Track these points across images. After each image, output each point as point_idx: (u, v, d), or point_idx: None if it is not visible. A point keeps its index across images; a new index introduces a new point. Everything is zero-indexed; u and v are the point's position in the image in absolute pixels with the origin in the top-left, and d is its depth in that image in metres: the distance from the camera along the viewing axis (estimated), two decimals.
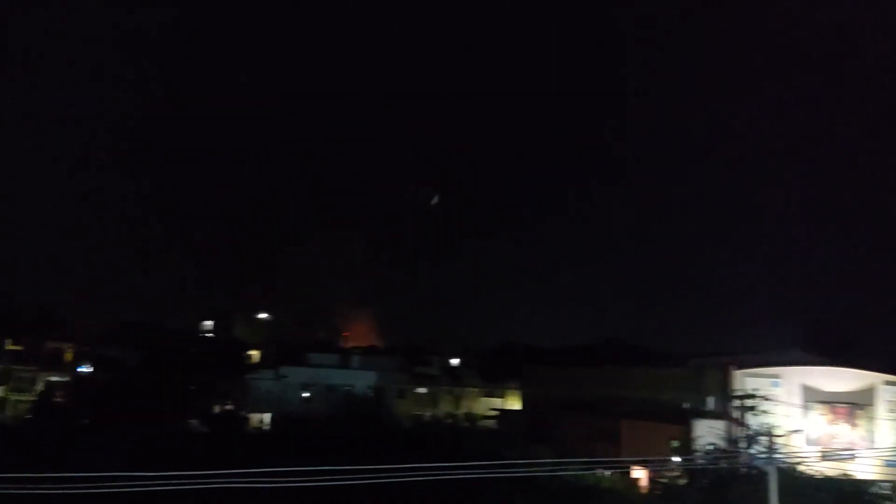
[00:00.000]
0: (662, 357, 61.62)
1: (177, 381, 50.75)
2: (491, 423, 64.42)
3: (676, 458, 35.86)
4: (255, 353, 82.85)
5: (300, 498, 26.06)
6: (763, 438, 30.87)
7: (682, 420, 41.43)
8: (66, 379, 63.83)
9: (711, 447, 35.22)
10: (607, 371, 55.47)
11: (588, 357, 71.98)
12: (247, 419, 58.29)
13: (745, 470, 30.08)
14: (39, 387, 63.00)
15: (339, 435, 42.37)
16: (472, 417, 67.75)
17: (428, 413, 68.21)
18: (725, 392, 43.20)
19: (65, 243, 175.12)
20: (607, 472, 39.44)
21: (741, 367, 44.31)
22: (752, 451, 31.34)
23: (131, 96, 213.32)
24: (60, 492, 17.81)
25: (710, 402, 44.79)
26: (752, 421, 36.61)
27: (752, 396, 39.64)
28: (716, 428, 38.00)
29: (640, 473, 39.63)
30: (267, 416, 62.05)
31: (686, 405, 45.22)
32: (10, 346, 69.96)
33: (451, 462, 24.31)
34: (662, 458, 35.52)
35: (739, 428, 37.48)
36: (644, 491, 36.58)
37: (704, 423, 40.00)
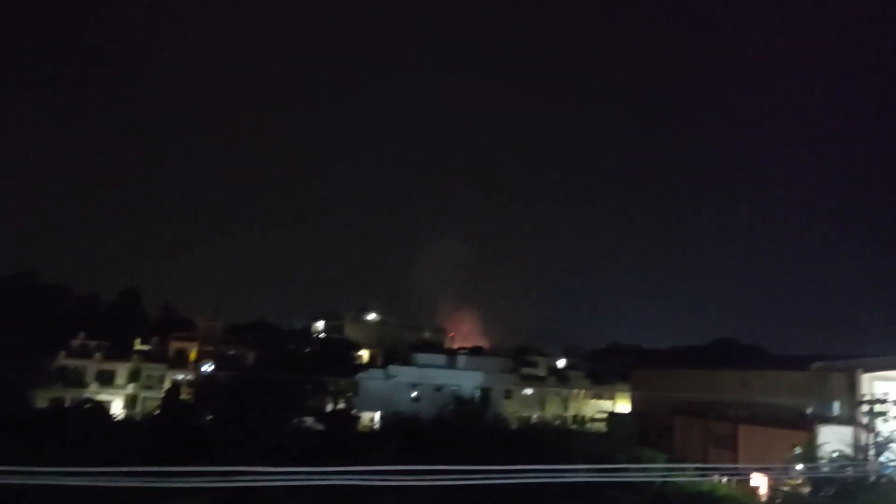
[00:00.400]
0: (781, 359, 58.82)
1: (292, 379, 52.53)
2: (600, 425, 63.38)
3: (799, 466, 34.15)
4: (364, 353, 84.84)
5: (411, 496, 26.60)
6: (894, 445, 29.05)
7: (806, 426, 39.43)
8: (190, 377, 67.27)
9: (837, 454, 33.35)
10: (722, 374, 53.39)
11: (700, 359, 69.67)
12: (358, 418, 59.73)
13: (873, 478, 28.39)
14: (167, 384, 66.53)
15: (446, 435, 42.85)
16: (580, 420, 66.86)
17: (535, 414, 67.83)
18: (852, 396, 40.72)
19: (186, 246, 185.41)
20: (724, 479, 38.11)
21: (869, 369, 41.66)
22: (881, 458, 29.53)
23: None
24: (184, 486, 18.87)
25: (836, 407, 42.37)
26: (882, 427, 34.40)
27: (881, 401, 37.17)
28: (842, 434, 35.95)
29: (759, 481, 38.05)
30: (377, 415, 63.46)
31: (809, 410, 42.97)
32: (138, 346, 74.77)
33: (559, 465, 24.12)
34: (784, 466, 33.92)
35: (868, 434, 35.33)
36: (763, 499, 35.04)
37: (829, 429, 37.92)
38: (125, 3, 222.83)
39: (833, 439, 35.74)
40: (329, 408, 62.22)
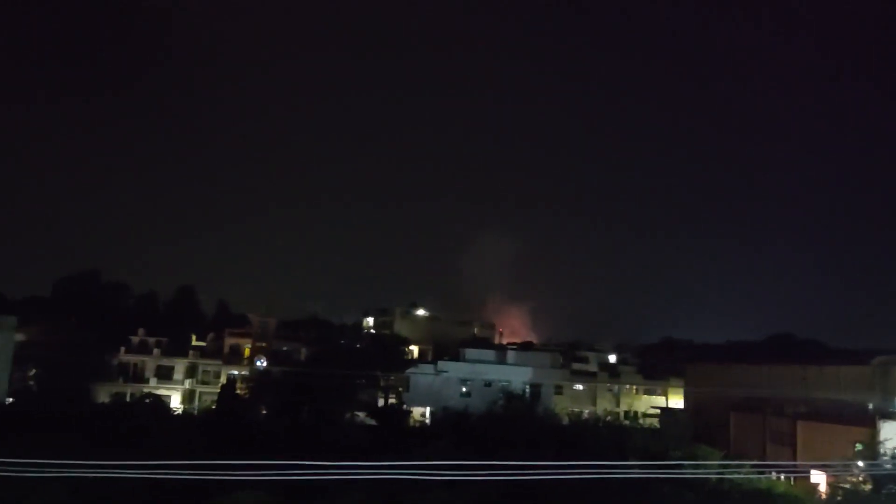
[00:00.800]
0: (840, 353, 57.27)
1: (344, 375, 53.14)
2: (653, 421, 62.55)
3: (860, 463, 33.19)
4: (414, 349, 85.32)
5: (462, 491, 26.76)
6: None
7: (867, 422, 38.31)
8: (245, 372, 68.64)
9: None
10: (779, 369, 52.20)
11: (756, 354, 68.22)
12: (409, 413, 60.12)
13: None
14: (222, 380, 67.93)
15: (497, 430, 42.83)
16: (632, 415, 66.07)
17: (586, 410, 67.31)
18: None
19: (240, 244, 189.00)
20: (782, 477, 37.32)
21: None
22: None
23: None
24: (242, 479, 19.37)
25: None
26: None
27: None
28: None
29: (818, 478, 37.14)
30: (427, 410, 63.77)
31: (870, 406, 41.74)
32: (195, 342, 76.59)
33: (611, 461, 23.99)
34: (844, 462, 33.02)
35: None
36: (823, 497, 34.17)
37: (892, 424, 36.76)
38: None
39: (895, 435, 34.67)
40: (380, 403, 62.76)
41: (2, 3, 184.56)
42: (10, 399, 53.86)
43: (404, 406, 60.41)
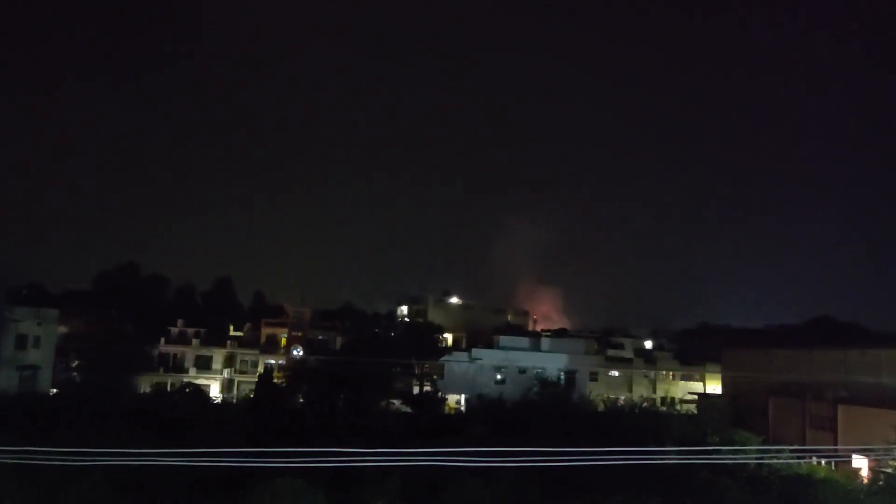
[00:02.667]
0: (881, 337, 56.06)
1: (379, 363, 53.47)
2: (690, 407, 61.99)
3: None
4: (448, 337, 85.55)
5: (498, 478, 26.83)
6: None
7: None
8: (282, 361, 69.45)
9: None
10: (819, 353, 51.32)
11: (795, 338, 67.07)
12: (444, 400, 60.36)
13: None
14: (260, 369, 68.83)
15: (532, 417, 42.82)
16: (669, 401, 65.52)
17: (622, 396, 66.95)
18: None
19: (275, 235, 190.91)
20: (822, 462, 36.79)
21: None
22: None
23: None
24: (281, 465, 19.64)
25: None
26: None
27: None
28: None
29: (860, 463, 36.54)
30: (462, 398, 63.96)
31: None
32: (232, 332, 77.75)
33: (648, 447, 23.83)
34: (887, 447, 32.43)
35: None
36: (865, 481, 33.62)
37: None
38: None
39: None
40: (415, 391, 63.08)
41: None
42: (54, 390, 55.21)
43: (439, 394, 60.67)
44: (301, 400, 52.37)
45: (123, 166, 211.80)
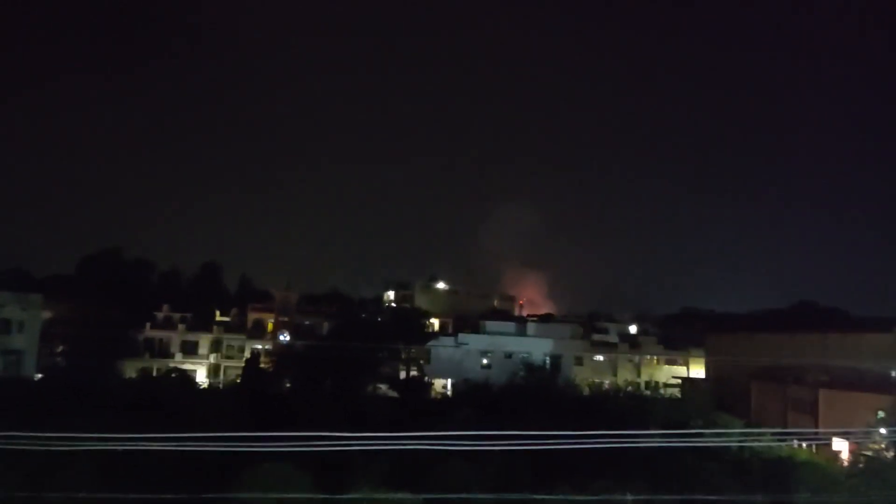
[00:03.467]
0: (863, 321, 56.77)
1: (366, 348, 53.57)
2: (674, 391, 62.61)
3: (883, 430, 33.09)
4: (434, 322, 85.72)
5: (484, 462, 27.03)
6: None
7: (890, 389, 38.14)
8: (268, 346, 69.34)
9: None
10: (801, 338, 51.92)
11: (778, 323, 67.74)
12: (430, 385, 60.56)
13: None
14: (246, 354, 68.75)
15: (517, 401, 43.06)
16: (653, 386, 66.14)
17: (607, 381, 67.46)
18: None
19: (261, 220, 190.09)
20: (803, 445, 37.32)
21: None
22: None
23: None
24: (268, 450, 19.69)
25: None
26: None
27: None
28: None
29: (840, 446, 37.09)
30: (448, 382, 64.23)
31: (893, 373, 41.52)
32: (219, 318, 77.37)
33: (633, 430, 24.05)
34: (866, 430, 32.95)
35: None
36: (845, 464, 34.17)
37: None
38: None
39: None
40: (402, 375, 63.26)
41: None
42: (39, 375, 54.95)
43: (426, 378, 60.85)
44: (288, 385, 52.42)
45: (108, 151, 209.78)
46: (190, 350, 71.88)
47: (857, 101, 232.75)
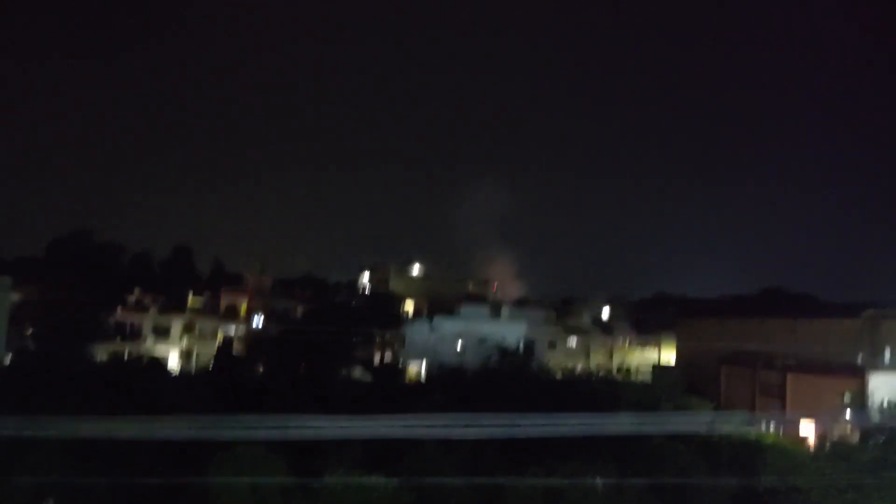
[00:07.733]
0: (831, 307, 57.77)
1: (340, 332, 53.42)
2: (645, 376, 63.35)
3: (848, 414, 33.89)
4: (409, 305, 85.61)
5: (457, 446, 27.19)
6: None
7: (856, 374, 38.93)
8: (241, 329, 68.83)
9: (888, 403, 32.94)
10: (770, 323, 52.74)
11: (748, 308, 68.71)
12: (405, 369, 60.61)
13: None
14: (219, 338, 68.19)
15: (491, 386, 43.28)
16: (625, 370, 66.85)
17: (579, 365, 68.04)
18: None
19: (234, 202, 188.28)
20: (771, 428, 37.98)
21: None
22: None
23: None
24: (239, 434, 19.67)
25: (887, 355, 41.70)
26: None
27: None
28: (894, 383, 35.43)
29: (807, 429, 37.84)
30: (423, 367, 64.32)
31: (860, 358, 42.37)
32: (191, 302, 76.51)
33: (604, 414, 24.38)
34: (833, 414, 33.69)
35: None
36: (811, 447, 34.92)
37: (881, 377, 37.38)
38: None
39: (884, 387, 35.29)
40: (376, 360, 63.23)
41: None
42: (9, 357, 54.14)
43: (400, 363, 60.85)
44: (261, 369, 52.17)
45: (79, 134, 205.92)
46: (162, 334, 71.15)
47: (820, 86, 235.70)
